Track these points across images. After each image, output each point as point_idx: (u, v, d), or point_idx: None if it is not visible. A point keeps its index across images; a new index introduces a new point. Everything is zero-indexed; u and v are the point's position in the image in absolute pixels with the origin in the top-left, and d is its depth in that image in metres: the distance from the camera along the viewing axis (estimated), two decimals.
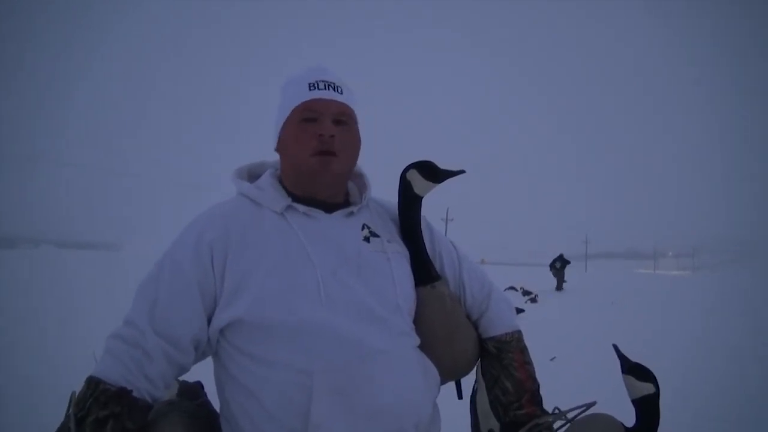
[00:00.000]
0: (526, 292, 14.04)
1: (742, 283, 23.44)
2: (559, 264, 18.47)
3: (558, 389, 1.37)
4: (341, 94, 1.23)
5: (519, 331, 1.37)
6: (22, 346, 5.53)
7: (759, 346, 6.77)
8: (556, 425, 1.28)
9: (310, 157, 1.18)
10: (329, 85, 1.22)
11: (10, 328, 6.62)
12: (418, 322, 1.26)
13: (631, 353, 1.31)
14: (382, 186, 1.42)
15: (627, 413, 1.27)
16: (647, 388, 1.23)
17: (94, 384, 1.05)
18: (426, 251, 1.32)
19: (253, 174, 1.33)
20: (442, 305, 1.28)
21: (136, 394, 1.06)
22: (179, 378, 1.35)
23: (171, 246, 1.18)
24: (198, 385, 1.37)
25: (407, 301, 1.23)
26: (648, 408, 1.23)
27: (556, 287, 18.11)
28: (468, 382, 1.44)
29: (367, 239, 1.24)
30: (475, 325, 1.37)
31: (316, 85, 1.22)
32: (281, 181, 1.28)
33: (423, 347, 1.25)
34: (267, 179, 1.27)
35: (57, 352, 5.21)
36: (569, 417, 1.27)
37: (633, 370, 1.25)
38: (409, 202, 1.33)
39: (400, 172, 1.35)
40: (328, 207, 1.24)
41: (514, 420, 1.28)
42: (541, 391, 1.35)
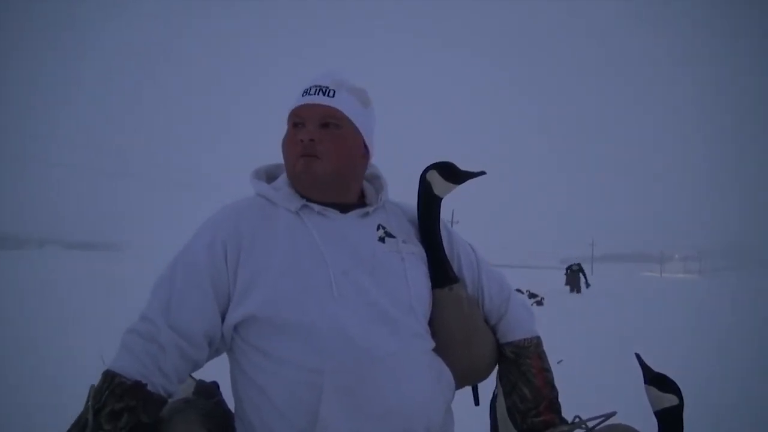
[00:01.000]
0: (532, 295, 14.01)
1: (749, 287, 23.28)
2: (576, 267, 19.63)
3: (566, 393, 1.35)
4: (332, 97, 1.22)
5: (538, 337, 1.35)
6: (30, 345, 5.56)
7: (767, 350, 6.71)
8: None
9: (296, 160, 1.20)
10: (320, 89, 1.22)
11: (17, 327, 6.66)
12: (435, 324, 1.25)
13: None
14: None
15: (638, 419, 1.24)
16: (670, 400, 1.18)
17: (110, 377, 1.07)
18: (444, 253, 1.30)
19: (270, 175, 1.34)
20: (459, 308, 1.26)
21: (150, 388, 1.07)
22: (196, 378, 1.36)
23: (186, 244, 1.20)
24: (214, 385, 1.38)
25: (421, 303, 1.22)
26: (671, 420, 1.18)
27: (571, 290, 19.12)
28: (488, 388, 1.42)
29: (382, 239, 1.24)
30: (493, 329, 1.35)
31: (309, 90, 1.23)
32: None
33: (439, 350, 1.24)
34: (283, 180, 1.28)
35: (64, 351, 5.23)
36: (588, 427, 1.24)
37: (655, 380, 1.20)
38: (428, 203, 1.32)
39: (420, 173, 1.34)
40: (342, 207, 1.24)
41: (532, 428, 1.25)
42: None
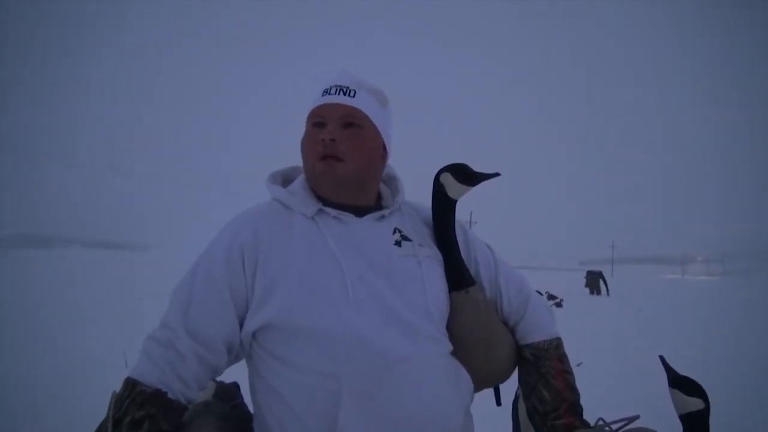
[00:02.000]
0: (551, 297, 13.89)
1: None
2: (597, 273, 20.36)
3: (585, 395, 1.34)
4: (353, 97, 1.21)
5: (558, 339, 1.33)
6: (53, 343, 5.65)
7: None
8: None
9: (317, 161, 1.19)
10: (341, 89, 1.21)
11: (42, 325, 6.78)
12: (452, 327, 1.24)
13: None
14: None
15: (661, 424, 1.23)
16: (695, 404, 1.15)
17: (131, 385, 1.07)
18: (460, 255, 1.28)
19: (287, 179, 1.33)
20: (476, 311, 1.24)
21: (170, 396, 1.07)
22: (216, 379, 1.37)
23: (204, 250, 1.20)
24: (234, 386, 1.37)
25: (438, 307, 1.21)
26: (696, 425, 1.15)
27: (591, 292, 19.80)
28: (509, 388, 1.40)
29: (398, 243, 1.22)
30: (512, 331, 1.33)
31: (329, 90, 1.22)
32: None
33: (457, 354, 1.22)
34: (299, 183, 1.27)
35: (87, 350, 5.31)
36: (611, 430, 1.22)
37: (680, 383, 1.17)
38: (442, 206, 1.30)
39: (434, 175, 1.32)
40: (358, 211, 1.23)
41: (552, 430, 1.24)
42: None
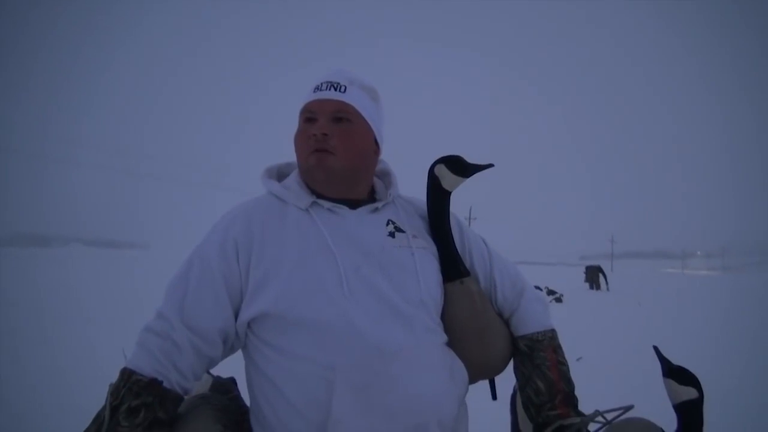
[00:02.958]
0: (550, 292, 13.89)
1: None
2: (595, 267, 20.27)
3: (585, 389, 1.34)
4: (343, 92, 1.23)
5: (553, 330, 1.34)
6: (53, 342, 5.65)
7: None
8: (592, 428, 1.24)
9: (309, 155, 1.21)
10: (332, 85, 1.24)
11: (42, 324, 6.78)
12: (447, 318, 1.25)
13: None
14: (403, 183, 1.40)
15: (661, 416, 1.23)
16: (689, 393, 1.16)
17: (127, 374, 1.09)
18: (455, 247, 1.30)
19: (282, 174, 1.35)
20: (470, 301, 1.26)
21: (166, 385, 1.10)
22: (214, 374, 1.39)
23: (199, 243, 1.23)
24: (231, 381, 1.40)
25: (432, 297, 1.22)
26: (690, 414, 1.16)
27: (591, 286, 19.73)
28: (505, 382, 1.41)
29: (391, 234, 1.24)
30: (507, 323, 1.35)
31: (320, 86, 1.24)
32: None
33: (452, 344, 1.24)
34: (294, 178, 1.29)
35: (87, 348, 5.31)
36: (604, 420, 1.23)
37: (674, 373, 1.18)
38: (437, 198, 1.32)
39: (429, 167, 1.33)
40: (352, 203, 1.25)
41: (547, 421, 1.25)
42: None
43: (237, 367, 1.31)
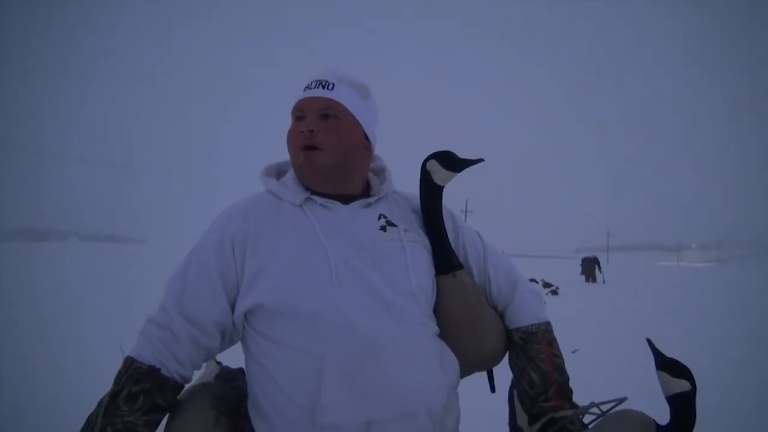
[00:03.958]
0: (546, 285, 13.96)
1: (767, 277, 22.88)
2: (591, 259, 20.19)
3: (580, 382, 1.35)
4: (331, 89, 1.26)
5: (547, 323, 1.35)
6: (50, 337, 5.65)
7: None
8: (586, 420, 1.25)
9: (299, 152, 1.25)
10: (320, 83, 1.27)
11: (40, 318, 6.78)
12: (440, 311, 1.27)
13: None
14: (399, 179, 1.42)
15: (655, 408, 1.24)
16: (682, 385, 1.16)
17: (129, 362, 1.16)
18: (447, 240, 1.31)
19: (281, 171, 1.38)
20: (463, 294, 1.27)
21: (165, 373, 1.16)
22: (223, 364, 1.42)
23: (198, 241, 1.28)
24: (238, 371, 1.41)
25: (423, 290, 1.24)
26: (683, 406, 1.16)
27: (587, 279, 19.66)
28: (504, 374, 1.42)
29: (383, 228, 1.26)
30: (501, 315, 1.36)
31: (310, 85, 1.28)
32: None
33: (445, 336, 1.26)
34: (290, 175, 1.32)
35: (84, 342, 5.31)
36: (598, 411, 1.24)
37: (667, 365, 1.18)
38: (429, 192, 1.33)
39: (421, 163, 1.35)
40: (345, 199, 1.28)
41: (541, 412, 1.26)
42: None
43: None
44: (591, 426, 1.23)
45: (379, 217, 1.28)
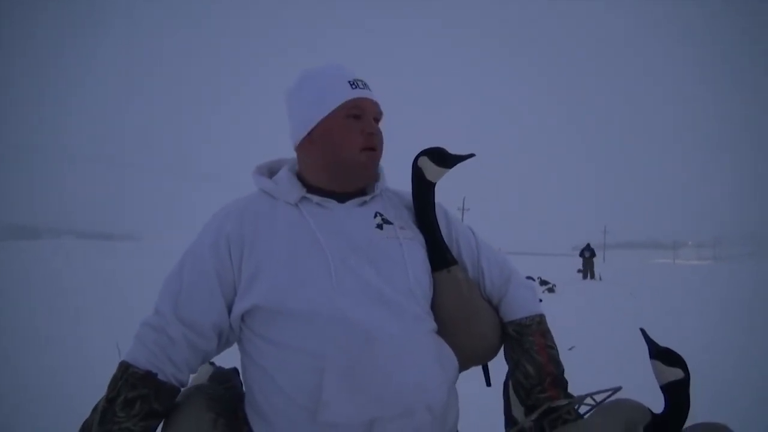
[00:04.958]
0: (543, 282, 13.97)
1: (765, 274, 22.97)
2: (588, 253, 19.53)
3: (578, 379, 1.36)
4: (371, 92, 1.30)
5: (541, 315, 1.37)
6: (45, 336, 5.63)
7: None
8: (581, 410, 1.27)
9: (360, 152, 1.25)
10: (365, 84, 1.30)
11: (33, 317, 6.76)
12: (435, 307, 1.28)
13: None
14: (396, 178, 1.44)
15: (653, 401, 1.25)
16: (675, 374, 1.19)
17: (124, 367, 1.14)
18: (441, 236, 1.32)
19: (273, 171, 1.38)
20: (458, 289, 1.29)
21: (161, 377, 1.14)
22: (216, 365, 1.41)
23: (193, 241, 1.27)
24: (233, 371, 1.42)
25: (421, 286, 1.25)
26: (677, 394, 1.19)
27: (584, 276, 19.15)
28: (499, 368, 1.43)
29: (379, 226, 1.27)
30: (496, 309, 1.37)
31: (356, 83, 1.28)
32: (300, 176, 1.33)
33: (442, 332, 1.27)
34: (284, 174, 1.32)
35: (79, 342, 5.30)
36: (593, 401, 1.26)
37: (661, 354, 1.21)
38: (421, 189, 1.35)
39: (412, 160, 1.37)
40: (341, 197, 1.28)
41: (537, 404, 1.27)
42: None
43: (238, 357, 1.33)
44: (587, 415, 1.25)
45: (375, 215, 1.29)
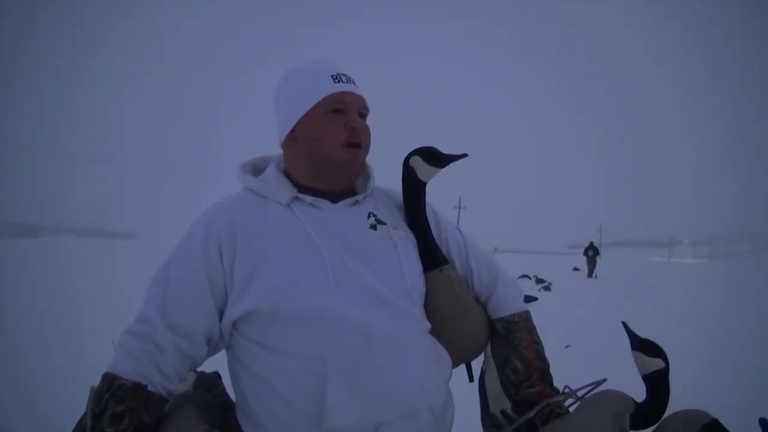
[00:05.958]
0: (539, 280, 14.01)
1: (759, 271, 23.03)
2: (591, 252, 19.51)
3: (574, 377, 1.37)
4: (356, 86, 1.26)
5: (527, 312, 1.39)
6: (43, 334, 5.62)
7: None
8: (567, 403, 1.29)
9: (342, 148, 1.21)
10: (349, 78, 1.25)
11: (31, 316, 6.74)
12: (428, 306, 1.28)
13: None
14: (386, 177, 1.42)
15: (639, 392, 1.28)
16: (656, 364, 1.23)
17: (110, 379, 1.07)
18: (432, 236, 1.33)
19: (258, 168, 1.34)
20: (451, 289, 1.29)
21: (150, 388, 1.08)
22: (197, 370, 1.36)
23: (179, 242, 1.20)
24: (215, 375, 1.39)
25: (417, 287, 1.25)
26: (658, 383, 1.23)
27: (588, 274, 19.14)
28: (479, 365, 1.45)
29: (373, 227, 1.26)
30: (483, 307, 1.38)
31: (339, 78, 1.23)
32: (287, 174, 1.29)
33: (434, 331, 1.27)
34: (271, 172, 1.28)
35: (77, 340, 5.29)
36: (580, 394, 1.29)
37: (642, 345, 1.25)
38: (413, 189, 1.34)
39: (403, 160, 1.36)
40: (333, 197, 1.26)
41: (525, 398, 1.29)
42: (559, 379, 1.36)
43: (219, 359, 1.29)
44: (573, 409, 1.28)
45: (369, 216, 1.27)
